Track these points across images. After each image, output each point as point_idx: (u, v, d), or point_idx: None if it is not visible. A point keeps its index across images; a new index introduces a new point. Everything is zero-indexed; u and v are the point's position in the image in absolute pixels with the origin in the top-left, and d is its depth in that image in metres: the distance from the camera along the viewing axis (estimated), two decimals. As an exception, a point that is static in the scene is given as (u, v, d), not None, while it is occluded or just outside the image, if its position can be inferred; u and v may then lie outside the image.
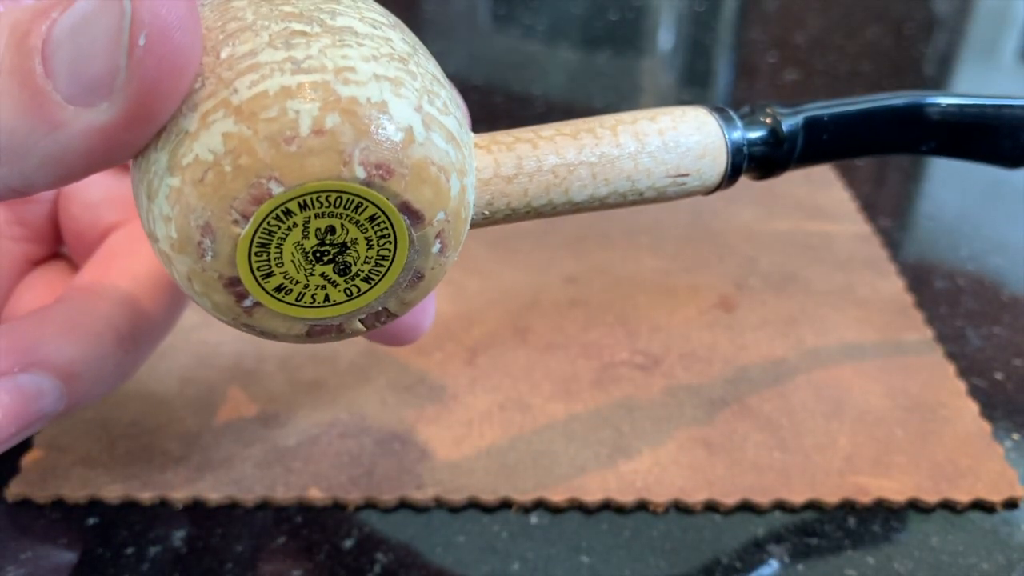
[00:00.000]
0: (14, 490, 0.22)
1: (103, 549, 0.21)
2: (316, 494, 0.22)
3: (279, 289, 0.14)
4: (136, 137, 0.13)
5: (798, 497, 0.22)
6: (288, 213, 0.13)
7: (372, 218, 0.14)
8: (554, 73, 0.49)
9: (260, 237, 0.14)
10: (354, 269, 0.15)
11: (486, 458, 0.23)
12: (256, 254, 0.14)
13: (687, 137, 0.18)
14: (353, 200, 0.14)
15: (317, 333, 0.15)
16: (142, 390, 0.25)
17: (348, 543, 0.21)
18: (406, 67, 0.14)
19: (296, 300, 0.15)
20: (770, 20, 0.59)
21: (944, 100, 0.21)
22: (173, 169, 0.13)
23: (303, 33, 0.13)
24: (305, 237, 0.14)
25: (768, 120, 0.19)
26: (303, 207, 0.14)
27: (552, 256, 0.32)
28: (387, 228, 0.14)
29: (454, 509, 0.22)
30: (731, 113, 0.19)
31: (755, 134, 0.19)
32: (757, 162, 0.19)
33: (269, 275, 0.14)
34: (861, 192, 0.36)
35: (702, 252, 0.32)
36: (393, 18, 0.15)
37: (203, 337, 0.27)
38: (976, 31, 0.57)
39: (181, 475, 0.23)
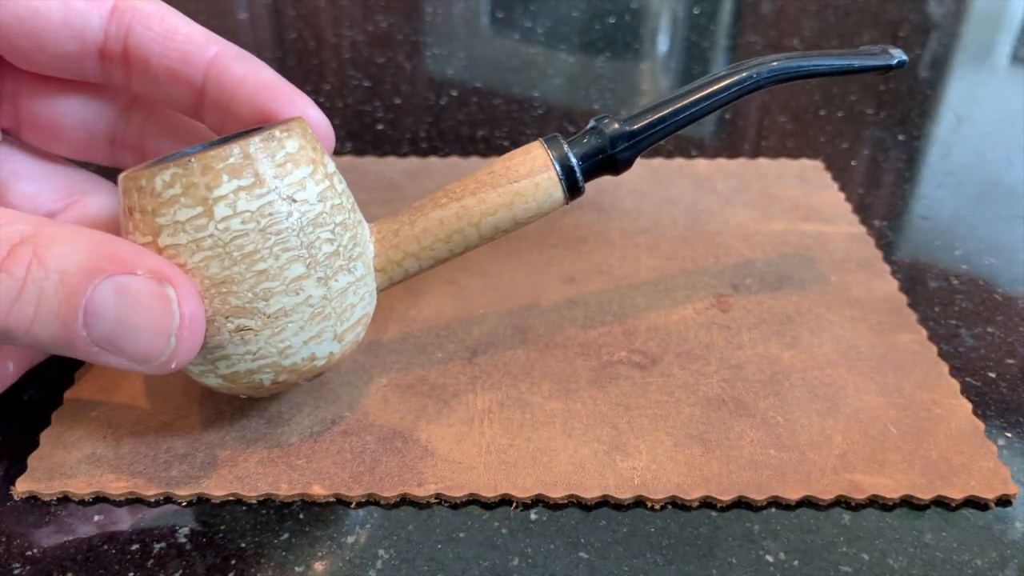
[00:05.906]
0: (21, 487, 0.22)
1: (108, 545, 0.21)
2: (319, 491, 0.22)
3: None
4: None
5: (793, 494, 0.22)
6: None
7: None
8: (553, 76, 0.49)
9: None
10: None
11: (486, 455, 0.23)
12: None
13: (521, 167, 0.24)
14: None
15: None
16: (147, 389, 0.26)
17: (350, 539, 0.22)
18: (323, 313, 0.21)
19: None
20: (766, 24, 0.59)
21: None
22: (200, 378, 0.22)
23: (250, 329, 0.20)
24: None
25: (595, 135, 0.24)
26: None
27: (551, 256, 0.32)
28: None
29: (455, 505, 0.22)
30: (560, 139, 0.24)
31: (583, 149, 0.24)
32: (594, 166, 0.24)
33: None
34: (855, 193, 0.37)
35: (699, 253, 0.32)
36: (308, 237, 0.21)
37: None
38: (970, 34, 0.57)
39: (185, 472, 0.23)
